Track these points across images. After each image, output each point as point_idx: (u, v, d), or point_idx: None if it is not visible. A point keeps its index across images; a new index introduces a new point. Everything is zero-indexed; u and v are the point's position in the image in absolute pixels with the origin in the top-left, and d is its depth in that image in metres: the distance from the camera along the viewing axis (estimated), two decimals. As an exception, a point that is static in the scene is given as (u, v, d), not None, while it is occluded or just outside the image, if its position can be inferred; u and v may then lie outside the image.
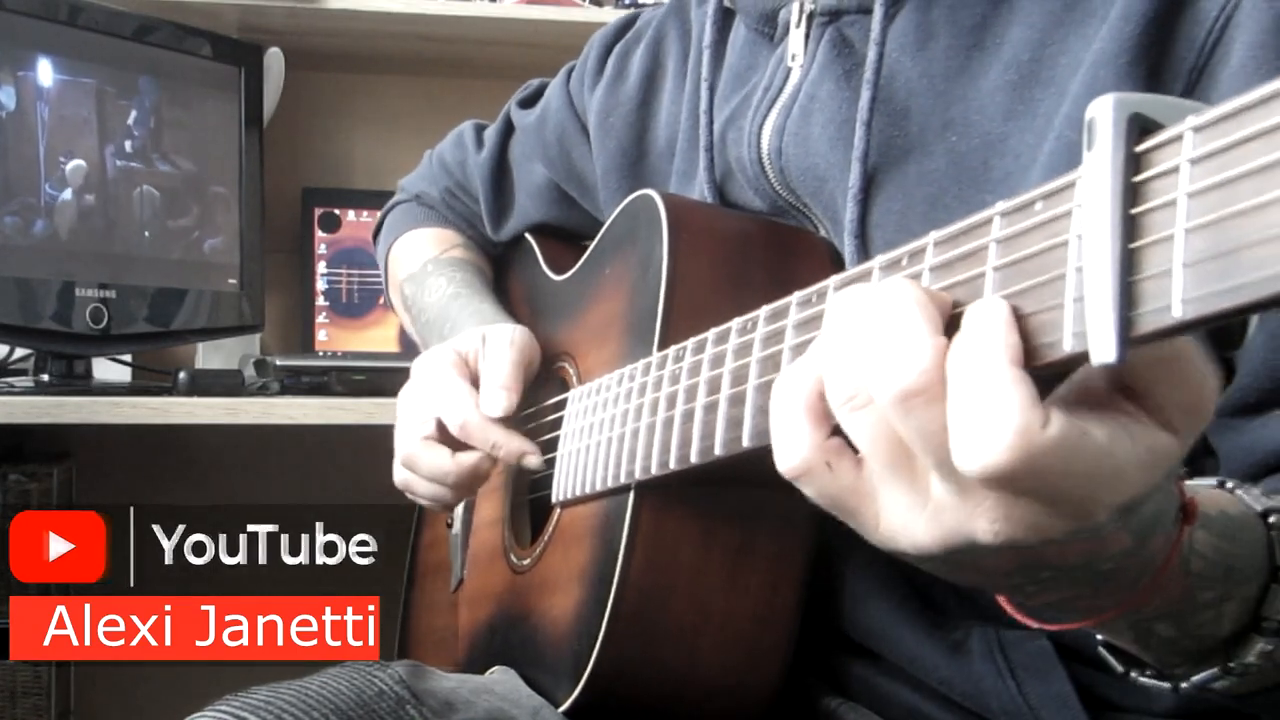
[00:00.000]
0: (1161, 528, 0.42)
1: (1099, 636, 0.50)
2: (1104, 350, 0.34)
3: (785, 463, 0.43)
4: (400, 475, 0.87)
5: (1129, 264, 0.33)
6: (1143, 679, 0.49)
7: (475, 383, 0.84)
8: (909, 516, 0.41)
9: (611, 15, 1.76)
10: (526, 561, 0.82)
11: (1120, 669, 0.50)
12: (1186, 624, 0.46)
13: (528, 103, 1.04)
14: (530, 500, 0.89)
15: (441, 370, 0.84)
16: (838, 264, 0.70)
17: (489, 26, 1.75)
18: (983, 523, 0.38)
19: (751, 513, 0.68)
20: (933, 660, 0.65)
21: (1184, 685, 0.48)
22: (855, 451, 0.42)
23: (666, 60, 0.88)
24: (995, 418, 0.36)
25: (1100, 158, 0.34)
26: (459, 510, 0.97)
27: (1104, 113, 0.34)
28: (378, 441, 1.47)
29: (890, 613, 0.67)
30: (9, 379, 1.62)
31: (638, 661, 0.67)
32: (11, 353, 1.73)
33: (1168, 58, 0.57)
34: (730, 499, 0.67)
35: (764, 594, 0.68)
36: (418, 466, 0.84)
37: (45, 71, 1.54)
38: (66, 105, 1.56)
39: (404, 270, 1.09)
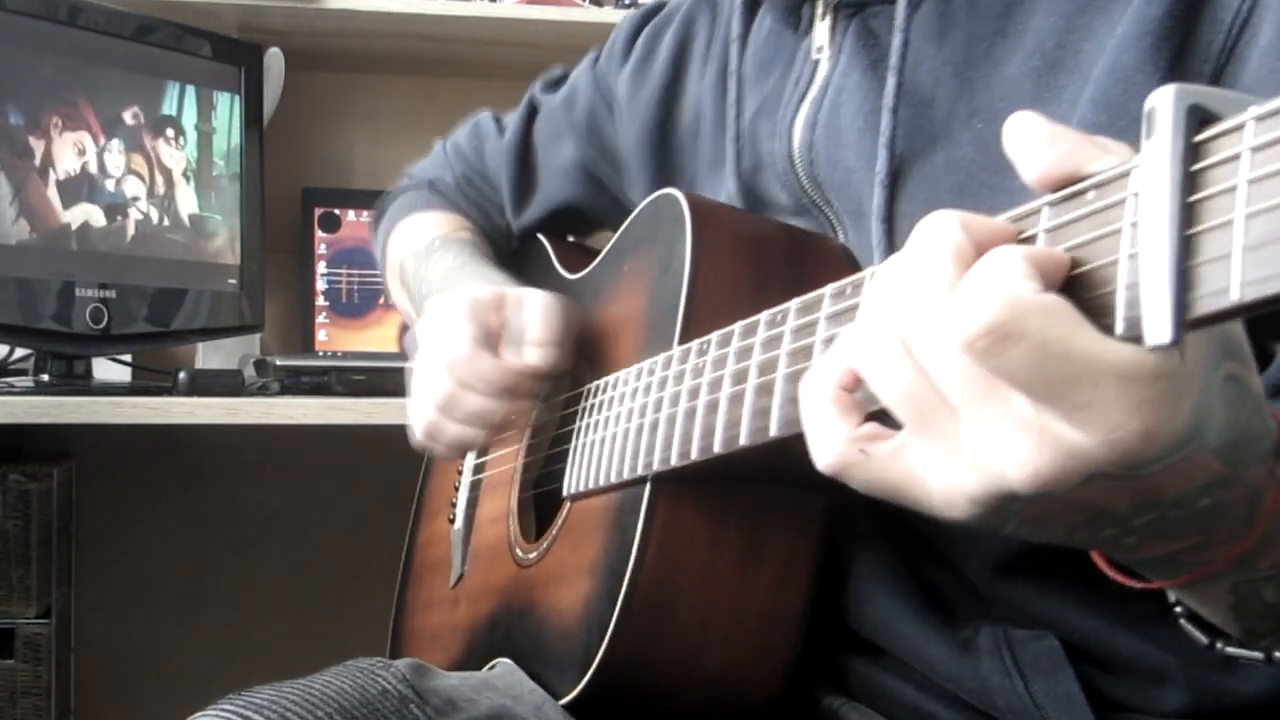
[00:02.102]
0: (1256, 457, 0.41)
1: (1179, 609, 0.49)
2: (1159, 332, 0.34)
3: (823, 459, 0.43)
4: (428, 419, 0.82)
5: (1186, 249, 0.34)
6: (1230, 649, 0.48)
7: (492, 333, 0.81)
8: (950, 473, 0.40)
9: (612, 15, 1.76)
10: (533, 555, 0.82)
11: (1205, 641, 0.49)
12: None
13: (552, 86, 1.04)
14: (535, 496, 0.89)
15: (457, 320, 0.80)
16: (857, 270, 0.71)
17: (489, 26, 1.75)
18: (1012, 464, 0.38)
19: (764, 510, 0.68)
20: (940, 658, 0.66)
21: (1279, 655, 0.47)
22: (887, 432, 0.42)
23: (694, 42, 0.88)
24: (987, 282, 0.36)
25: (1160, 146, 0.35)
26: (461, 506, 0.97)
27: (1164, 103, 0.35)
28: (378, 441, 1.47)
29: (898, 609, 0.67)
30: (9, 379, 1.62)
31: (646, 654, 0.68)
32: (11, 353, 1.73)
33: (1193, 40, 0.57)
34: (744, 496, 0.68)
35: (773, 591, 0.68)
36: (456, 408, 0.80)
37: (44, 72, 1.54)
38: (65, 105, 1.56)
39: (408, 247, 1.07)
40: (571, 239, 1.07)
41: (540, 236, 1.04)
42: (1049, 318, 0.36)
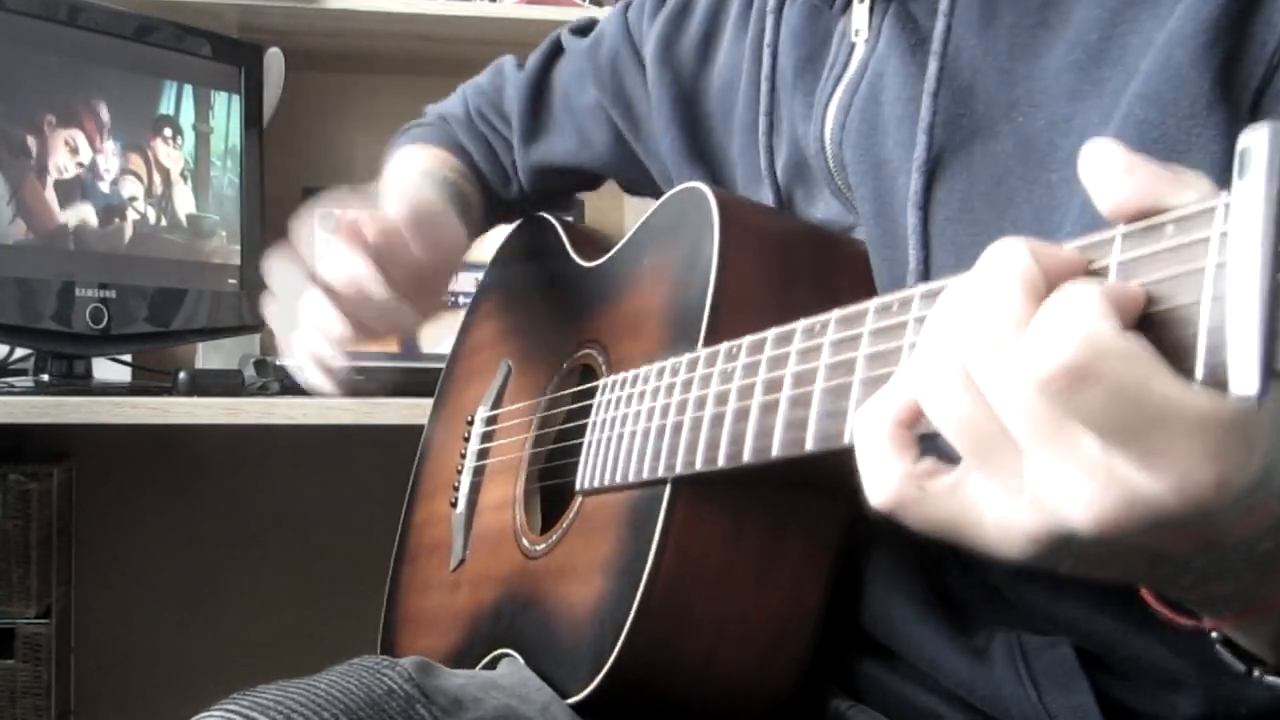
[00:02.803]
0: None
1: (1215, 635, 0.48)
2: (1245, 383, 0.33)
3: (878, 495, 0.42)
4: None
5: (1278, 296, 0.32)
6: (1269, 679, 0.47)
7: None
8: (1008, 510, 0.39)
9: (612, 15, 1.76)
10: (541, 547, 0.82)
11: (1242, 668, 0.48)
12: None
13: (580, 32, 1.04)
14: (542, 486, 0.88)
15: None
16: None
17: (489, 26, 1.75)
18: (1076, 506, 0.37)
19: (783, 513, 0.68)
20: (953, 664, 0.65)
21: None
22: (945, 467, 0.41)
23: (732, 1, 0.87)
24: (1067, 319, 0.35)
25: (1254, 186, 0.33)
26: (464, 489, 0.97)
27: (1259, 142, 0.34)
28: (378, 441, 1.47)
29: (913, 614, 0.67)
30: (9, 379, 1.62)
31: (660, 654, 0.67)
32: (11, 353, 1.73)
33: (1247, 41, 0.56)
34: (763, 499, 0.67)
35: (789, 594, 0.68)
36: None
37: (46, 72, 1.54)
38: (63, 105, 1.56)
39: (394, 172, 1.06)
40: (572, 218, 1.06)
41: (552, 219, 1.03)
42: (1128, 361, 0.35)
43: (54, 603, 1.62)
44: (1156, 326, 0.36)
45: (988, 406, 0.38)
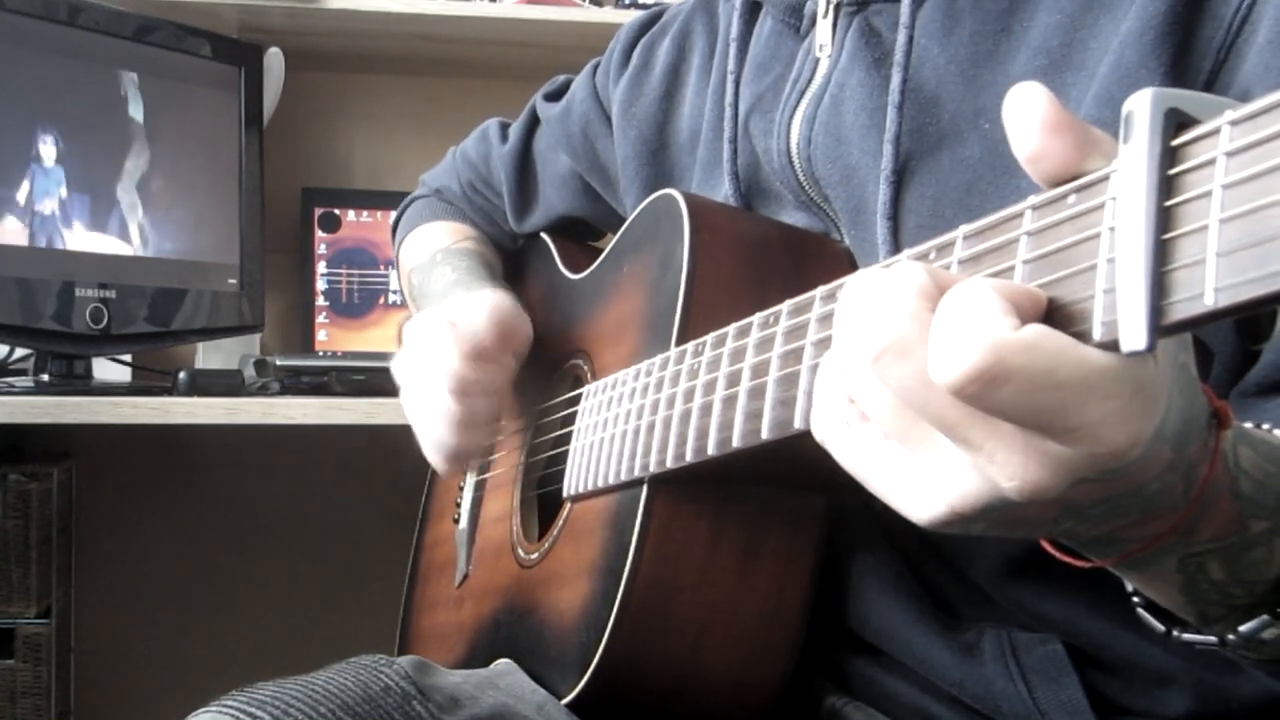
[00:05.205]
0: (1194, 434, 0.42)
1: (1137, 599, 0.50)
2: (1134, 338, 0.34)
3: (817, 427, 0.45)
4: (446, 444, 0.86)
5: (1162, 254, 0.34)
6: (1187, 635, 0.49)
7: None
8: (936, 483, 0.41)
9: (612, 15, 1.77)
10: (534, 555, 0.82)
11: (1162, 628, 0.50)
12: (1238, 562, 0.46)
13: (553, 96, 1.05)
14: (539, 495, 0.89)
15: (439, 334, 0.85)
16: (855, 269, 0.70)
17: (489, 26, 1.75)
18: (1001, 479, 0.39)
19: (763, 512, 0.68)
20: (943, 661, 0.65)
21: (1231, 637, 0.47)
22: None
23: (692, 54, 0.88)
24: (966, 325, 0.36)
25: (1137, 150, 0.35)
26: (466, 505, 0.97)
27: (1141, 106, 0.35)
28: (378, 441, 1.47)
29: (902, 613, 0.67)
30: (9, 379, 1.62)
31: (644, 655, 0.68)
32: (11, 353, 1.73)
33: (1194, 36, 0.57)
34: (742, 497, 0.68)
35: (772, 592, 0.68)
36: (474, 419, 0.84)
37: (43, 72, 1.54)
38: (64, 104, 1.56)
39: (413, 261, 1.09)
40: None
41: (544, 235, 1.05)
42: (1032, 354, 0.36)
43: (54, 603, 1.62)
44: (1061, 292, 0.38)
45: (909, 405, 0.40)
